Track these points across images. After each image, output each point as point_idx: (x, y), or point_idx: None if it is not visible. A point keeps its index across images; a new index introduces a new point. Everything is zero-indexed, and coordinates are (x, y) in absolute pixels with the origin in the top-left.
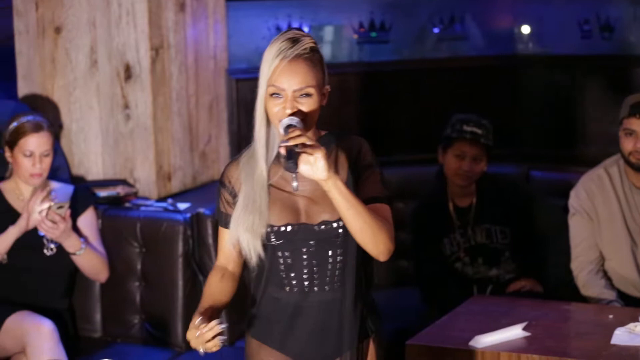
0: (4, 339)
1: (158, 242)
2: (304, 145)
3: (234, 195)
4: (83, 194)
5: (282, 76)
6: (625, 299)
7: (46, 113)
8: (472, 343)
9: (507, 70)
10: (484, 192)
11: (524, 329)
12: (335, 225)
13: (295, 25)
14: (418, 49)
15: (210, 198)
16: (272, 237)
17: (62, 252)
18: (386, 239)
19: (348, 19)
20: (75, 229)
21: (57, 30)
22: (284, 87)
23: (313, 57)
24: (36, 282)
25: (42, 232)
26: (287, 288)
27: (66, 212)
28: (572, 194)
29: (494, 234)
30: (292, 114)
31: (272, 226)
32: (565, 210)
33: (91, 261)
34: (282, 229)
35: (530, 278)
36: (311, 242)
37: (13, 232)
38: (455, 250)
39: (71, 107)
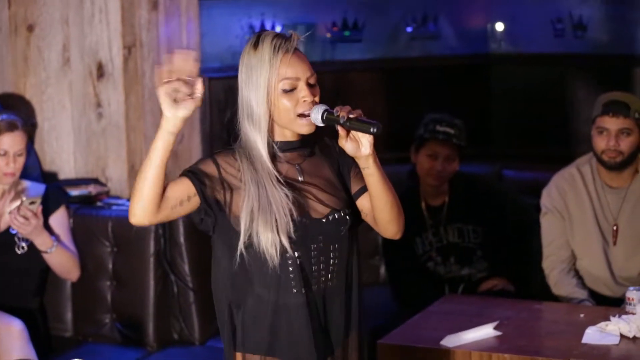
0: None
1: (129, 241)
2: (358, 119)
3: (226, 183)
4: (55, 193)
5: (292, 67)
6: (597, 298)
7: (18, 111)
8: (443, 342)
9: (480, 69)
10: (456, 191)
11: (496, 328)
12: (343, 213)
13: (268, 23)
14: (391, 48)
15: None
16: (294, 228)
17: (33, 251)
18: (404, 217)
19: (321, 17)
20: (47, 227)
21: (30, 28)
22: (298, 76)
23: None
24: (7, 281)
25: (14, 230)
26: (295, 290)
27: (38, 207)
28: (544, 192)
29: (466, 233)
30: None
31: (294, 216)
32: (538, 209)
33: (62, 260)
34: (302, 220)
35: (502, 277)
36: (320, 238)
37: None
38: (428, 250)
39: (43, 105)
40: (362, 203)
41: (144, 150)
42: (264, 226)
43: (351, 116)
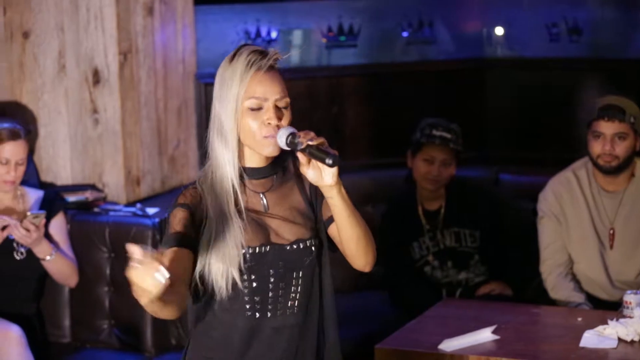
0: None
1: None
2: (318, 148)
3: (199, 220)
4: (52, 199)
5: (261, 86)
6: (594, 302)
7: (14, 118)
8: (441, 347)
9: (476, 74)
10: (453, 195)
11: (493, 332)
12: (308, 243)
13: (264, 29)
14: (387, 53)
15: None
16: (246, 259)
17: (32, 257)
18: (374, 250)
19: (317, 23)
20: (45, 234)
21: (25, 34)
22: (267, 96)
23: (279, 69)
24: (5, 287)
25: (12, 236)
26: (249, 313)
27: (41, 221)
28: (541, 197)
29: (463, 238)
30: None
31: (247, 247)
32: (534, 213)
33: (61, 266)
34: (257, 250)
35: (500, 281)
36: (280, 263)
37: None
38: (425, 254)
39: (39, 112)
40: (332, 232)
41: (141, 156)
42: (216, 257)
43: (310, 143)
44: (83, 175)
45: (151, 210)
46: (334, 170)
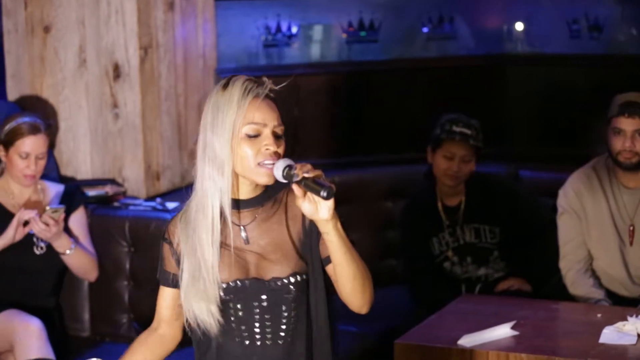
0: None
1: (147, 241)
2: (314, 180)
3: (178, 256)
4: (73, 194)
5: (260, 112)
6: (613, 298)
7: (35, 112)
8: (460, 342)
9: (496, 70)
10: (473, 191)
11: (513, 327)
12: (286, 281)
13: (284, 24)
14: (407, 48)
15: None
16: (223, 294)
17: (51, 251)
18: (372, 289)
19: (337, 18)
20: (65, 228)
21: (46, 29)
22: (265, 122)
23: (275, 99)
24: (25, 281)
25: (32, 230)
26: (237, 339)
27: (60, 216)
28: (561, 193)
29: (483, 233)
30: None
31: (223, 284)
32: (554, 209)
33: (81, 261)
34: (232, 284)
35: (519, 277)
36: (263, 297)
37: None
38: (444, 250)
39: (60, 106)
40: (330, 271)
41: (161, 151)
42: (196, 296)
43: (306, 175)
44: (103, 169)
45: (171, 205)
46: (330, 204)
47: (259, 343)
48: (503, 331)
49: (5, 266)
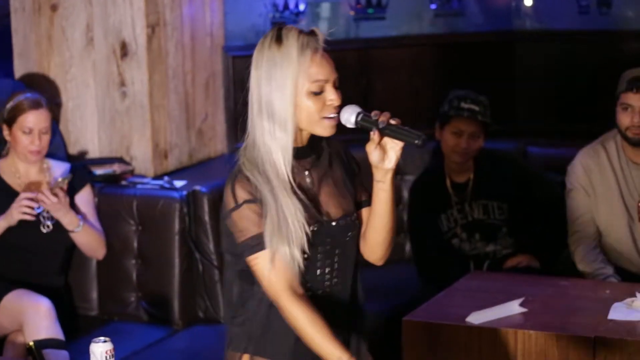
0: (1, 317)
1: (154, 219)
2: (399, 127)
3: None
4: (80, 172)
5: (322, 68)
6: (622, 274)
7: (42, 91)
8: (469, 319)
9: (504, 46)
10: (481, 168)
11: (521, 304)
12: (353, 217)
13: (291, 1)
14: (415, 25)
15: (207, 175)
16: (308, 238)
17: (58, 229)
18: (391, 247)
19: None
20: (73, 206)
21: (53, 7)
22: (328, 77)
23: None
24: (33, 260)
25: (39, 209)
26: (313, 282)
27: (65, 183)
28: (569, 169)
29: (491, 210)
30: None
31: (308, 227)
32: (563, 185)
33: (89, 238)
34: (312, 228)
35: (527, 254)
36: (327, 240)
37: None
38: (452, 227)
39: (67, 85)
40: (362, 216)
41: (168, 129)
42: (281, 241)
43: (392, 122)
44: (110, 148)
45: (179, 183)
46: (399, 154)
47: (319, 292)
48: (511, 308)
49: (12, 245)
